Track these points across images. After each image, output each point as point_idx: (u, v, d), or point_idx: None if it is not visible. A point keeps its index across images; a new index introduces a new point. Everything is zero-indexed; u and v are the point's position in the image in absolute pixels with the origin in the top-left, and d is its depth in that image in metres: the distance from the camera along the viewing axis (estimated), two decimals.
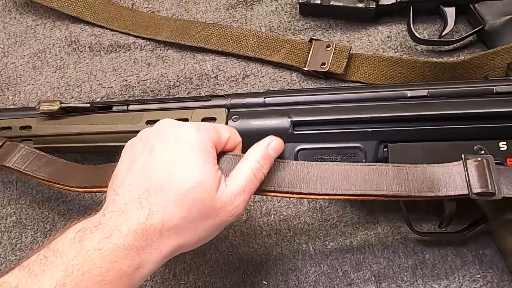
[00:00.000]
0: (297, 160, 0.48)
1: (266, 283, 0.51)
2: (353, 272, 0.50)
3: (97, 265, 0.32)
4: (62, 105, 0.53)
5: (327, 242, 0.51)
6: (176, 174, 0.35)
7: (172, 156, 0.36)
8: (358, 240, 0.51)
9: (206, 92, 0.58)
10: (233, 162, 0.39)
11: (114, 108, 0.54)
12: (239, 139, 0.42)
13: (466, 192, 0.40)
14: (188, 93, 0.58)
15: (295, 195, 0.41)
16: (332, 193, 0.41)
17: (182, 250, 0.36)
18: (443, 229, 0.48)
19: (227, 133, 0.40)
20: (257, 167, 0.37)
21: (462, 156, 0.41)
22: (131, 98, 0.59)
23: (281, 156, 0.47)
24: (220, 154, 0.40)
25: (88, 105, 0.53)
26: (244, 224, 0.53)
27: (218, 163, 0.38)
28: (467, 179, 0.40)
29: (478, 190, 0.40)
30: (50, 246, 0.34)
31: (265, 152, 0.39)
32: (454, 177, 0.41)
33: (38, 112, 0.53)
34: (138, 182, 0.36)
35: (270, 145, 0.39)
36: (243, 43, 0.57)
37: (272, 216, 0.53)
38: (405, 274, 0.49)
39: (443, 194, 0.41)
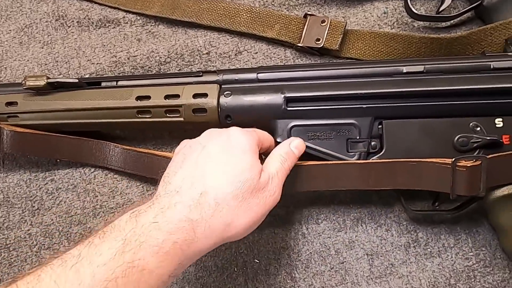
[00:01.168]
0: (291, 136, 0.48)
1: (258, 261, 0.51)
2: (346, 250, 0.50)
3: (154, 236, 0.34)
4: (49, 80, 0.51)
5: (319, 221, 0.51)
6: (229, 161, 0.39)
7: (225, 149, 0.40)
8: (351, 218, 0.51)
9: (198, 68, 0.56)
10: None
11: (103, 84, 0.53)
12: (271, 138, 0.47)
13: (448, 192, 0.42)
14: (180, 69, 0.57)
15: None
16: (326, 189, 0.46)
17: (231, 233, 0.38)
18: (437, 207, 0.48)
19: (263, 136, 0.45)
20: (282, 159, 0.43)
21: (452, 160, 0.41)
22: (121, 75, 0.57)
23: (274, 132, 0.47)
24: None
25: (76, 80, 0.52)
26: None
27: None
28: (452, 183, 0.42)
29: (460, 193, 0.42)
30: (107, 226, 0.36)
31: (288, 149, 0.44)
32: (441, 177, 0.42)
33: (24, 87, 0.51)
34: (191, 172, 0.39)
35: (292, 143, 0.45)
36: (236, 18, 0.55)
37: None
38: (398, 252, 0.49)
39: (428, 189, 0.44)
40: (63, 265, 0.32)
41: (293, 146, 0.45)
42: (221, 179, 0.38)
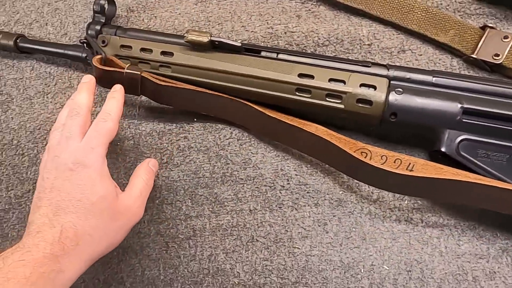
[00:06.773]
0: (458, 150, 0.45)
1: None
2: (484, 280, 0.47)
3: (21, 271, 0.36)
4: (212, 38, 0.50)
5: (461, 242, 0.48)
6: (79, 195, 0.41)
7: (73, 182, 0.42)
8: (496, 248, 0.47)
9: (355, 58, 0.54)
10: None
11: (263, 53, 0.51)
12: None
13: None
14: (336, 55, 0.55)
15: None
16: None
17: (99, 254, 0.42)
18: None
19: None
20: (146, 179, 0.47)
21: None
22: (276, 47, 0.56)
23: (439, 142, 0.45)
24: None
25: (239, 44, 0.50)
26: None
27: None
28: None
29: None
30: None
31: (148, 168, 0.49)
32: None
33: (185, 40, 0.50)
34: (47, 210, 0.41)
35: (150, 163, 0.50)
36: (408, 14, 0.53)
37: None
38: None
39: None
40: None
41: (151, 165, 0.50)
42: (78, 214, 0.41)
